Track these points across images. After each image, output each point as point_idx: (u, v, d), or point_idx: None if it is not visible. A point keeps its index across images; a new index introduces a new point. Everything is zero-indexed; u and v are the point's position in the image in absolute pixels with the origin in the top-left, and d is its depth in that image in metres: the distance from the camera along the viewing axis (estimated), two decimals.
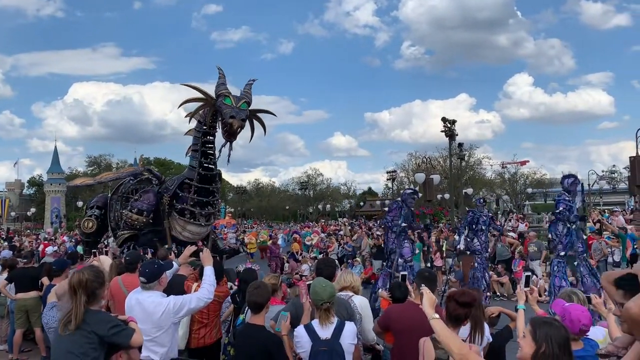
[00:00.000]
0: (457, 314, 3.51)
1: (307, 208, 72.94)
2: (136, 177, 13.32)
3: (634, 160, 16.99)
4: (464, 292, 3.72)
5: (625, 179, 46.92)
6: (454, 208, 30.34)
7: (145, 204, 11.59)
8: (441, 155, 51.20)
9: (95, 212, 13.38)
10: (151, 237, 11.98)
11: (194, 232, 11.57)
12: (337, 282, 5.11)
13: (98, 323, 3.44)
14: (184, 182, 11.49)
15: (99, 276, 3.67)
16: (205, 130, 11.10)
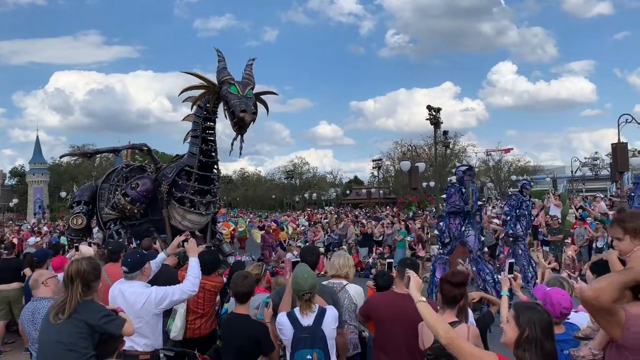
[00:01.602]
0: (453, 295, 3.56)
1: (293, 197, 72.92)
2: (128, 166, 13.05)
3: (616, 147, 17.19)
4: (455, 273, 3.76)
5: (607, 165, 47.57)
6: (439, 196, 30.47)
7: (140, 194, 11.21)
8: (426, 143, 51.53)
9: (84, 209, 12.99)
10: (148, 227, 11.71)
11: (194, 221, 11.25)
12: (329, 267, 5.13)
13: (89, 312, 3.43)
14: (184, 169, 11.14)
15: (97, 269, 3.67)
16: (206, 115, 10.71)
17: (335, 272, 5.03)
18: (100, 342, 3.47)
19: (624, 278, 2.40)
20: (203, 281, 5.62)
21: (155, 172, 11.70)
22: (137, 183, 11.30)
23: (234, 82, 9.76)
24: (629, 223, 2.60)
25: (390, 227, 18.12)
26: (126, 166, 13.05)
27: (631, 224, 2.59)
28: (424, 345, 3.54)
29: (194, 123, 10.86)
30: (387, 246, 16.69)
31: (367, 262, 16.80)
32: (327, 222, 25.75)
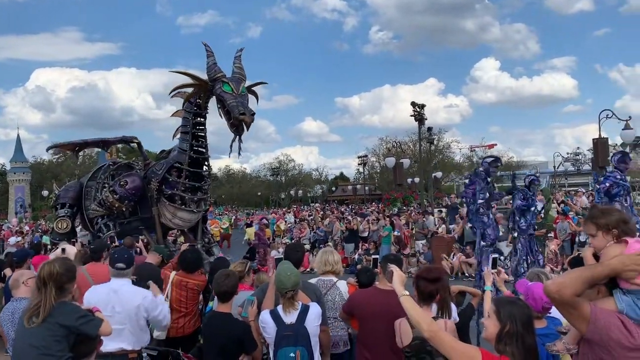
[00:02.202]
0: (429, 291, 3.57)
1: (279, 194, 72.74)
2: (115, 164, 12.68)
3: (597, 142, 17.38)
4: (430, 269, 3.78)
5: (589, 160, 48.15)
6: (423, 191, 30.70)
7: (128, 192, 10.92)
8: (411, 140, 51.70)
9: (68, 212, 12.61)
10: (137, 225, 11.55)
11: (185, 219, 11.02)
12: (319, 264, 5.10)
13: (65, 314, 3.37)
14: (174, 166, 10.86)
15: (70, 270, 3.59)
16: (196, 111, 10.51)
17: (331, 268, 5.00)
18: (77, 343, 3.42)
19: (590, 273, 2.43)
20: (186, 279, 5.60)
21: (144, 169, 11.44)
22: (126, 180, 11.03)
23: (227, 80, 9.52)
24: (601, 219, 2.61)
25: (376, 223, 18.18)
26: (113, 163, 12.73)
27: (603, 220, 2.59)
28: (402, 343, 3.55)
29: (184, 119, 10.66)
30: (373, 242, 16.76)
31: (352, 258, 16.85)
32: (312, 219, 25.77)
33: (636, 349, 2.35)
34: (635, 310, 2.38)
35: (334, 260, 5.06)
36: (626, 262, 2.38)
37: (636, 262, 2.37)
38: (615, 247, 2.52)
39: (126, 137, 12.21)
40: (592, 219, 2.67)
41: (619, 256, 2.44)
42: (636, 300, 2.38)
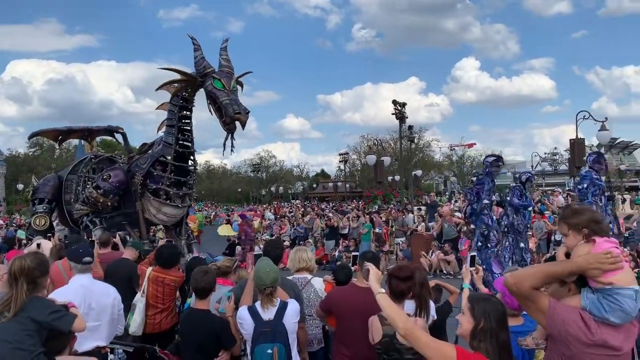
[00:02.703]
0: (401, 290, 3.59)
1: (259, 190, 72.52)
2: (97, 157, 12.33)
3: (574, 142, 17.69)
4: (402, 267, 3.80)
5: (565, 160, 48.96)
6: (403, 189, 30.90)
7: (112, 185, 10.56)
8: (392, 138, 51.89)
9: (46, 208, 12.21)
10: (120, 221, 11.21)
11: (169, 214, 10.75)
12: (292, 262, 5.08)
13: (37, 309, 3.32)
14: (158, 159, 10.57)
15: (42, 264, 3.53)
16: (182, 104, 10.29)
17: (305, 265, 4.99)
18: (49, 338, 3.38)
19: (554, 269, 2.55)
20: (162, 275, 5.56)
21: (127, 163, 11.14)
22: (109, 174, 10.73)
23: (218, 76, 9.32)
24: (572, 219, 2.67)
25: (356, 220, 18.25)
26: (95, 157, 12.39)
27: (574, 220, 2.65)
28: (374, 340, 3.58)
29: (169, 112, 10.43)
30: (353, 239, 16.82)
31: (333, 255, 16.89)
32: (293, 215, 25.75)
33: (593, 344, 2.40)
34: (598, 307, 2.43)
35: (308, 257, 5.06)
36: (591, 260, 2.45)
37: (599, 260, 2.42)
38: (584, 246, 2.58)
39: (112, 126, 11.87)
40: (564, 219, 2.73)
41: (585, 255, 2.51)
42: (601, 298, 2.43)
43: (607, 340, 2.39)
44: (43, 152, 70.00)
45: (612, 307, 2.39)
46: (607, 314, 2.40)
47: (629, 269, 2.48)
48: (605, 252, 2.44)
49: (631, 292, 2.40)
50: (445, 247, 14.84)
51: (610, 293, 2.40)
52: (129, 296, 5.77)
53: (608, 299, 2.40)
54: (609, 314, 2.39)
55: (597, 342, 2.40)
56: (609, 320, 2.40)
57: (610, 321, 2.40)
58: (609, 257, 2.41)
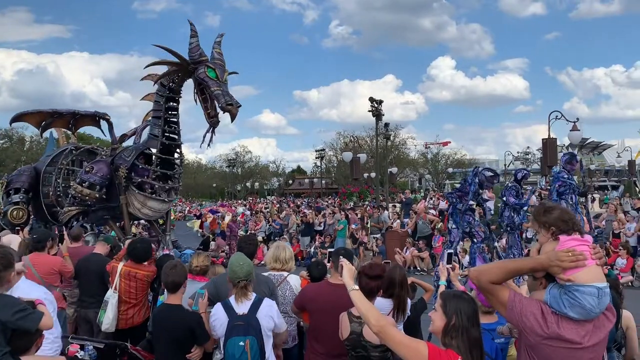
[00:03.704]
0: (370, 288, 3.64)
1: (235, 186, 72.07)
2: (77, 149, 11.88)
3: (546, 142, 18.01)
4: (372, 266, 3.83)
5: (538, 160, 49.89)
6: (379, 186, 31.05)
7: (97, 177, 10.08)
8: (368, 135, 52.09)
9: (24, 198, 11.50)
10: (102, 215, 10.82)
11: (155, 209, 10.41)
12: (269, 259, 5.05)
13: (1, 308, 3.16)
14: (143, 152, 10.26)
15: (6, 257, 3.39)
16: (169, 95, 9.95)
17: (281, 266, 4.96)
18: (15, 337, 3.23)
19: (516, 265, 2.74)
20: (134, 270, 5.50)
21: (110, 155, 10.68)
22: (92, 167, 10.30)
23: (213, 65, 9.05)
24: (542, 217, 2.74)
25: (332, 216, 18.29)
26: (75, 148, 11.90)
27: (543, 218, 2.72)
28: (342, 337, 3.61)
29: (156, 103, 10.09)
30: (328, 235, 16.86)
31: (308, 252, 16.92)
32: (268, 211, 25.67)
33: (549, 337, 2.47)
34: (557, 301, 2.50)
35: (285, 257, 4.99)
36: (552, 258, 2.51)
37: (560, 258, 2.49)
38: (550, 244, 2.65)
39: (98, 112, 11.27)
40: (535, 217, 2.82)
41: (549, 252, 2.58)
42: (562, 293, 2.49)
43: (562, 334, 2.45)
44: (12, 145, 68.29)
45: (572, 302, 2.44)
46: (565, 309, 2.46)
47: (595, 267, 2.52)
48: (566, 250, 2.50)
49: (592, 290, 2.44)
50: (419, 244, 14.99)
51: (571, 289, 2.45)
52: (101, 292, 5.71)
53: (568, 294, 2.46)
54: (567, 309, 2.46)
55: (552, 335, 2.47)
56: (568, 315, 2.47)
57: (569, 316, 2.47)
58: (570, 255, 2.47)
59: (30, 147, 63.37)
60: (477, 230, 8.50)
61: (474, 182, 8.30)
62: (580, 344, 2.46)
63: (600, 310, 2.49)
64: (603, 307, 2.50)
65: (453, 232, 8.58)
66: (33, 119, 11.56)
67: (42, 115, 11.41)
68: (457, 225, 8.51)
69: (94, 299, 5.92)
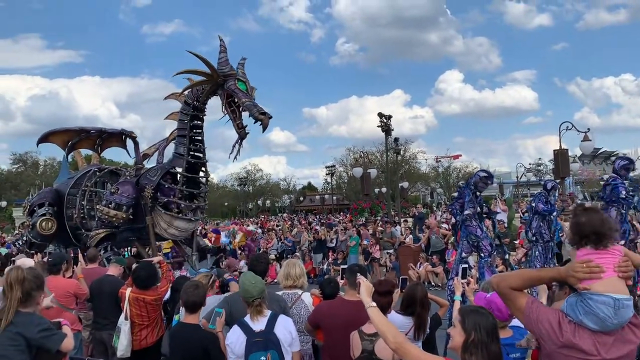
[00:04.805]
0: (380, 304, 3.59)
1: (246, 204, 72.21)
2: (101, 170, 11.74)
3: (558, 153, 17.90)
4: (382, 282, 3.81)
5: (550, 171, 49.57)
6: (390, 201, 30.95)
7: (124, 197, 9.86)
8: (378, 150, 52.14)
9: (50, 210, 11.17)
10: (128, 236, 10.69)
11: (181, 228, 10.27)
12: (281, 277, 5.03)
13: (27, 325, 3.29)
14: (169, 171, 10.20)
15: (39, 278, 3.54)
16: (194, 113, 9.94)
17: (293, 282, 4.92)
18: (37, 356, 3.35)
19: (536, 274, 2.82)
20: (142, 295, 5.48)
21: (135, 175, 10.55)
22: (117, 188, 10.21)
23: (243, 78, 9.13)
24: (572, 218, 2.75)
25: (344, 233, 18.22)
26: (99, 170, 11.78)
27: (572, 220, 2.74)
28: (354, 355, 3.58)
29: (180, 121, 10.08)
30: (341, 252, 16.78)
31: (321, 269, 16.83)
32: (280, 229, 25.65)
33: (564, 345, 2.46)
34: (574, 310, 2.49)
35: (296, 274, 4.94)
36: (568, 269, 2.54)
37: (574, 269, 2.49)
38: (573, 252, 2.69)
39: (125, 130, 11.01)
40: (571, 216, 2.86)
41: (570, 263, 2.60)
42: (579, 301, 2.48)
43: (578, 343, 2.43)
44: (27, 169, 69.14)
45: (586, 310, 2.43)
46: (580, 317, 2.46)
47: (616, 279, 2.49)
48: (580, 262, 2.50)
49: (608, 300, 2.41)
50: (433, 259, 14.86)
51: (585, 297, 2.45)
52: (114, 314, 5.70)
53: (583, 302, 2.45)
54: (582, 317, 2.45)
55: (566, 343, 2.45)
56: (584, 324, 2.45)
57: (585, 324, 2.45)
58: (583, 267, 2.47)
59: (44, 171, 64.17)
60: (484, 244, 8.39)
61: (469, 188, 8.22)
62: (595, 355, 2.43)
63: (620, 322, 2.45)
64: (622, 319, 2.46)
65: (462, 245, 8.50)
66: (59, 138, 11.15)
67: (69, 134, 11.06)
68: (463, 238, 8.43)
69: (108, 321, 5.92)
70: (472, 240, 8.46)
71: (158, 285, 5.69)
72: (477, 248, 8.54)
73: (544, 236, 9.88)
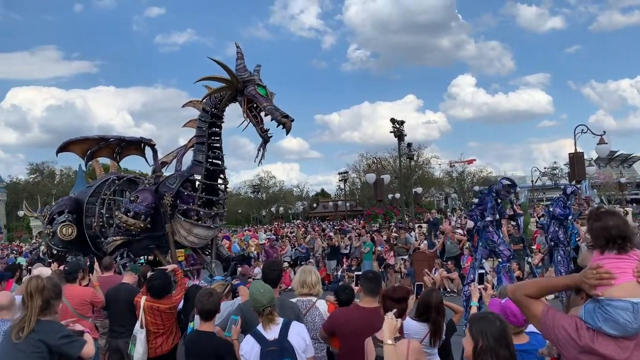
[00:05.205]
0: None
1: (260, 211, 72.41)
2: (119, 178, 11.87)
3: (573, 156, 17.70)
4: (396, 288, 3.79)
5: (565, 174, 49.04)
6: (404, 207, 30.83)
7: (142, 206, 9.99)
8: (391, 156, 51.96)
9: (69, 217, 11.22)
10: (147, 244, 10.75)
11: (201, 236, 10.30)
12: (296, 284, 5.01)
13: (48, 333, 3.36)
14: (188, 178, 10.24)
15: (57, 287, 3.62)
16: (212, 120, 10.00)
17: (308, 290, 4.87)
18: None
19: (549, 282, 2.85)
20: (157, 304, 5.50)
21: (154, 183, 10.57)
22: (137, 196, 10.22)
23: (262, 83, 9.20)
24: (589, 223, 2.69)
25: (358, 239, 18.16)
26: (117, 178, 11.88)
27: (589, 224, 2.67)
28: None
29: (198, 129, 10.14)
30: (355, 258, 16.72)
31: (335, 275, 16.78)
32: (294, 235, 25.64)
33: (583, 351, 2.43)
34: (592, 316, 2.45)
35: (311, 282, 4.88)
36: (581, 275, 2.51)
37: (586, 276, 2.47)
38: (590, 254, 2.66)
39: (144, 138, 11.04)
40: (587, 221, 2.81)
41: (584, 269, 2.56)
42: (596, 308, 2.44)
43: (597, 348, 2.40)
44: (43, 178, 70.07)
45: (605, 317, 2.40)
46: (600, 324, 2.42)
47: (635, 283, 2.45)
48: (592, 267, 2.47)
49: (626, 305, 2.38)
50: (448, 265, 14.75)
51: (603, 304, 2.41)
52: (130, 322, 5.72)
53: (602, 309, 2.42)
54: (601, 324, 2.42)
55: (584, 349, 2.42)
56: (603, 330, 2.42)
57: (604, 331, 2.42)
58: (594, 273, 2.44)
59: (60, 181, 65.00)
60: (502, 250, 8.33)
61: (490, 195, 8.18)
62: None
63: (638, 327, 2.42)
64: None
65: (480, 250, 8.45)
66: (79, 147, 11.18)
67: (88, 142, 11.09)
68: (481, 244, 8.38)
69: (124, 329, 5.95)
70: (490, 245, 8.42)
71: (172, 294, 5.71)
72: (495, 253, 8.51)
73: (562, 241, 9.80)
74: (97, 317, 6.44)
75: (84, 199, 11.70)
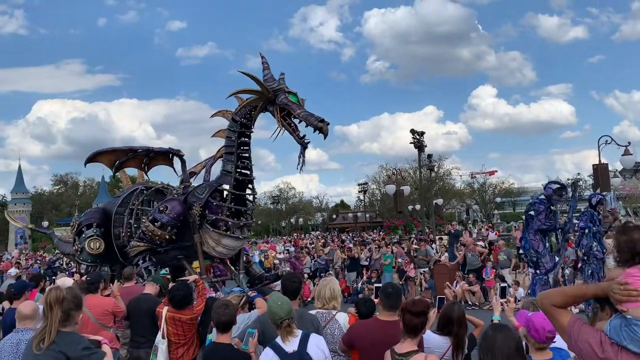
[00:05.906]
0: (414, 324, 3.56)
1: (279, 222, 72.53)
2: (147, 189, 11.85)
3: (597, 168, 17.39)
4: (415, 302, 3.75)
5: (589, 186, 48.19)
6: (424, 219, 30.59)
7: (169, 217, 9.99)
8: (411, 167, 51.71)
9: (97, 231, 11.17)
10: (175, 255, 10.69)
11: (229, 246, 10.22)
12: (317, 297, 4.99)
13: (69, 344, 3.37)
14: (217, 189, 10.23)
15: (77, 298, 3.63)
16: (241, 130, 10.02)
17: (329, 302, 4.84)
18: None
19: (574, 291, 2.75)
20: (178, 315, 5.51)
21: (183, 193, 10.59)
22: (166, 206, 10.20)
23: (293, 90, 9.31)
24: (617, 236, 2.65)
25: (378, 251, 18.05)
26: (146, 188, 11.90)
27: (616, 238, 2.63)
28: None
29: (227, 139, 10.15)
30: (375, 270, 16.61)
31: (354, 287, 16.69)
32: (313, 247, 25.59)
33: None
34: (618, 333, 2.39)
35: (325, 296, 4.85)
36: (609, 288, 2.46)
37: (613, 290, 2.42)
38: (617, 269, 2.60)
39: (172, 149, 11.08)
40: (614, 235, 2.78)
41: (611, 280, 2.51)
42: (624, 326, 2.38)
43: None
44: (67, 190, 71.27)
45: (632, 337, 2.34)
46: (625, 342, 2.37)
47: None
48: (620, 282, 2.41)
49: None
50: (469, 277, 14.56)
51: (630, 323, 2.36)
52: (152, 332, 5.75)
53: (629, 328, 2.36)
54: (627, 342, 2.36)
55: None
56: (629, 349, 2.37)
57: (630, 349, 2.37)
58: (621, 289, 2.38)
59: (84, 192, 66.05)
60: (544, 262, 8.12)
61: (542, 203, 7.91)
62: None
63: None
64: None
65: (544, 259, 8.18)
66: (107, 158, 11.34)
67: (116, 153, 11.26)
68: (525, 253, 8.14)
69: (145, 339, 5.98)
70: (532, 255, 8.18)
71: (193, 305, 5.74)
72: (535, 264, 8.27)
73: (596, 254, 9.51)
74: (118, 327, 6.49)
75: (112, 210, 11.73)
